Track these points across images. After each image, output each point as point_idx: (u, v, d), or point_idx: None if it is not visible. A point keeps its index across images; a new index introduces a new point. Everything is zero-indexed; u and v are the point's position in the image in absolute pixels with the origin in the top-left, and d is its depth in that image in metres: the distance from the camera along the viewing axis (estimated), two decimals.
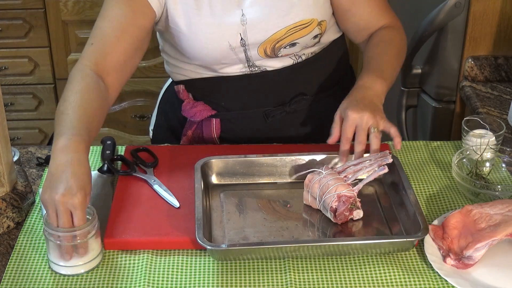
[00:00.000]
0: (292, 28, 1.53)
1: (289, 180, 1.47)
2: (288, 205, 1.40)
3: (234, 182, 1.46)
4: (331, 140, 1.44)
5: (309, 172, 1.40)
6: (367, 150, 1.42)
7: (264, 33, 1.53)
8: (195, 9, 1.51)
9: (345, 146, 1.42)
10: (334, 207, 1.33)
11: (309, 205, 1.39)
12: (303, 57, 1.61)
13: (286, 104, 1.64)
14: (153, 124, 1.83)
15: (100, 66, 1.44)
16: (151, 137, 1.84)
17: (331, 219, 1.34)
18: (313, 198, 1.37)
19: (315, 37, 1.58)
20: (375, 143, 1.41)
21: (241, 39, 1.52)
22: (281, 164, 1.47)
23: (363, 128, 1.40)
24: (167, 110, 1.77)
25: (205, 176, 1.43)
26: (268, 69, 1.59)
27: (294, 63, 1.61)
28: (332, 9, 1.60)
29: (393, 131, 1.43)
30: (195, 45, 1.54)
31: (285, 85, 1.62)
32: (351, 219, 1.35)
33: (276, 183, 1.47)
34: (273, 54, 1.57)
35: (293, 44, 1.56)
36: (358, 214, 1.35)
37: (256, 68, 1.59)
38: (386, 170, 1.37)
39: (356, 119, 1.40)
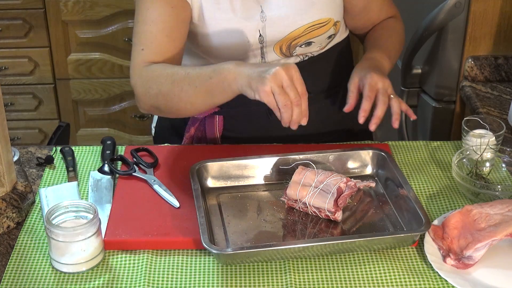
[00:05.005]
0: (309, 27, 1.55)
1: (283, 181, 1.47)
2: (286, 206, 1.40)
3: (230, 185, 1.46)
4: (348, 107, 1.48)
5: (289, 169, 1.43)
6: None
7: (282, 30, 1.54)
8: (214, 4, 1.52)
9: (367, 104, 1.45)
10: (342, 187, 1.34)
11: (289, 203, 1.38)
12: (309, 55, 1.62)
13: None
14: (155, 122, 1.83)
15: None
16: (153, 134, 1.84)
17: (326, 207, 1.33)
18: (303, 187, 1.36)
19: (330, 37, 1.59)
20: (396, 106, 1.46)
21: (259, 36, 1.53)
22: (275, 165, 1.47)
23: (386, 91, 1.45)
24: None
25: (201, 180, 1.43)
26: None
27: (300, 61, 1.61)
28: (344, 9, 1.63)
29: (404, 106, 1.49)
30: (213, 40, 1.54)
31: None
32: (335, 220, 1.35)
33: (271, 184, 1.47)
34: (289, 52, 1.58)
35: (309, 43, 1.57)
36: (339, 215, 1.35)
37: None
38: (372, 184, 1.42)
39: (378, 82, 1.45)
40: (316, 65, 1.63)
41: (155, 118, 1.83)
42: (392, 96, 1.47)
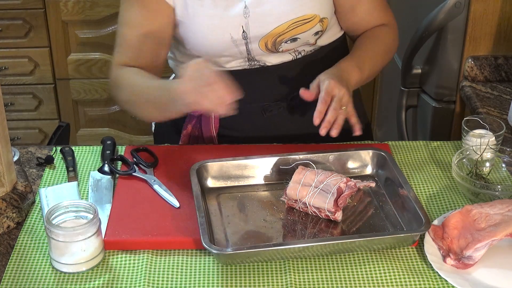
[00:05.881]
0: (294, 23, 1.54)
1: (283, 181, 1.47)
2: (286, 206, 1.40)
3: (230, 185, 1.46)
4: (307, 95, 1.46)
5: (289, 169, 1.43)
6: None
7: (266, 27, 1.54)
8: (198, 0, 1.52)
9: (322, 107, 1.43)
10: (342, 187, 1.34)
11: (289, 203, 1.38)
12: (303, 53, 1.62)
13: (284, 100, 1.64)
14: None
15: (136, 67, 1.55)
16: (153, 131, 1.86)
17: (326, 207, 1.33)
18: (304, 187, 1.36)
19: (316, 33, 1.58)
20: (340, 118, 1.44)
21: (243, 32, 1.53)
22: (275, 165, 1.47)
23: (339, 99, 1.43)
24: None
25: (201, 180, 1.43)
26: (268, 64, 1.60)
27: (293, 59, 1.61)
28: (334, 8, 1.61)
29: (353, 119, 1.46)
30: (198, 36, 1.55)
31: (283, 81, 1.63)
32: (335, 220, 1.35)
33: (271, 184, 1.47)
34: (274, 48, 1.57)
35: (294, 39, 1.57)
36: (339, 215, 1.35)
37: (256, 63, 1.60)
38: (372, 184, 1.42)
39: (335, 89, 1.43)
40: (311, 63, 1.63)
41: None
42: (344, 107, 1.44)
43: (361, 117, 1.80)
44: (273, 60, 1.60)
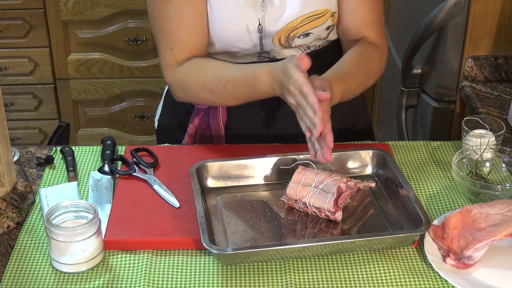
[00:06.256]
0: (306, 18, 1.55)
1: (283, 181, 1.47)
2: (286, 206, 1.40)
3: (230, 185, 1.46)
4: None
5: (289, 169, 1.43)
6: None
7: (279, 21, 1.55)
8: None
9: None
10: (342, 187, 1.34)
11: (289, 203, 1.38)
12: (312, 48, 1.62)
13: None
14: (159, 115, 1.84)
15: (188, 59, 1.55)
16: (156, 127, 1.86)
17: (326, 207, 1.33)
18: (304, 187, 1.36)
19: (328, 28, 1.60)
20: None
21: (258, 24, 1.54)
22: (275, 165, 1.47)
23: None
24: (174, 100, 1.78)
25: (201, 180, 1.44)
26: (277, 57, 1.61)
27: (302, 52, 1.61)
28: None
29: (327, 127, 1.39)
30: (216, 24, 1.56)
31: None
32: (334, 220, 1.35)
33: (271, 184, 1.47)
34: (287, 44, 1.58)
35: (307, 35, 1.58)
36: (339, 215, 1.35)
37: (266, 55, 1.60)
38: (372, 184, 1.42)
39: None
40: (318, 58, 1.63)
41: (159, 110, 1.84)
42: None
43: (363, 117, 1.81)
44: (284, 54, 1.61)
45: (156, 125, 1.85)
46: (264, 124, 1.66)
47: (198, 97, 1.57)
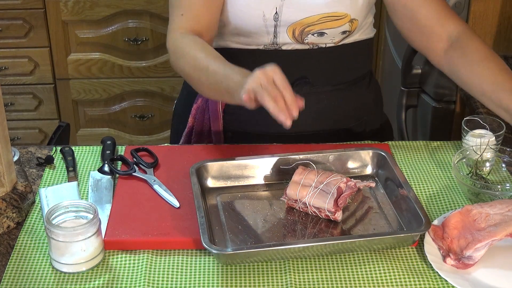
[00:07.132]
0: (325, 17, 1.55)
1: (283, 181, 1.47)
2: (286, 206, 1.40)
3: (230, 185, 1.46)
4: None
5: (289, 169, 1.43)
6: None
7: (297, 14, 1.55)
8: None
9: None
10: (342, 187, 1.34)
11: (289, 203, 1.38)
12: (320, 45, 1.62)
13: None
14: (177, 99, 1.86)
15: (195, 31, 1.54)
16: (173, 109, 1.89)
17: (326, 207, 1.33)
18: (304, 187, 1.36)
19: (344, 32, 1.59)
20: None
21: (275, 13, 1.54)
22: (275, 165, 1.47)
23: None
24: (191, 88, 1.78)
25: (201, 180, 1.44)
26: (283, 47, 1.61)
27: (308, 48, 1.62)
28: (386, 6, 1.62)
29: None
30: (233, 8, 1.56)
31: (293, 66, 1.62)
32: (335, 220, 1.35)
33: (271, 184, 1.47)
34: (300, 38, 1.59)
35: (322, 34, 1.58)
36: (339, 215, 1.35)
37: (277, 46, 1.61)
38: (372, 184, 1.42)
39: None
40: (325, 56, 1.63)
41: (180, 94, 1.86)
42: None
43: (380, 116, 1.80)
44: (293, 47, 1.61)
45: (173, 107, 1.88)
46: (262, 122, 1.65)
47: (182, 69, 1.53)
